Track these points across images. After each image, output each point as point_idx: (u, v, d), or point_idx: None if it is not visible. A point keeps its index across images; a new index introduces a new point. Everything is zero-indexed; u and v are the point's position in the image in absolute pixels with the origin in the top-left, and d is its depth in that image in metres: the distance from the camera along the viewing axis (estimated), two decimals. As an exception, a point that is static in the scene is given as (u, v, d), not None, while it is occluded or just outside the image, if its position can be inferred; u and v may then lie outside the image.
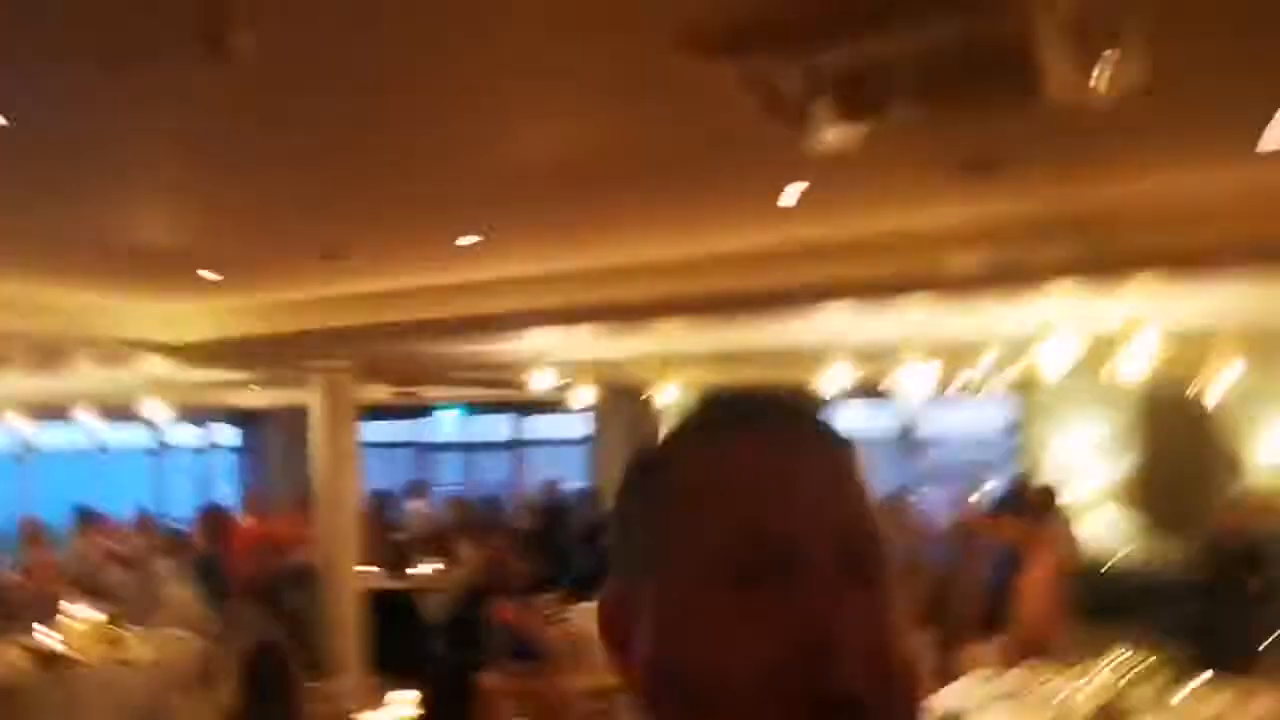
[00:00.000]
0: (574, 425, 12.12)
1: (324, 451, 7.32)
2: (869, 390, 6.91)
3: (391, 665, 6.55)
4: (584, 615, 6.68)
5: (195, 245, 4.70)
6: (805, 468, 0.64)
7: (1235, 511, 6.69)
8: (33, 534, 7.94)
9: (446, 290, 5.72)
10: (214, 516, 8.82)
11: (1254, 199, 3.72)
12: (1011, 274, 4.34)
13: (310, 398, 7.50)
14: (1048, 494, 6.91)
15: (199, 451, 13.29)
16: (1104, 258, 4.09)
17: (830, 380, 6.79)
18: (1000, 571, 5.72)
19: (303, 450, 7.61)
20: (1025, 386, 8.87)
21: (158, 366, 6.56)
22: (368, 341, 6.63)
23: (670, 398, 8.30)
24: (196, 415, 11.81)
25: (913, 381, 6.54)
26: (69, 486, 12.01)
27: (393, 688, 5.19)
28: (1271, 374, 7.32)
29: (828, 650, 0.57)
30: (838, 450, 0.66)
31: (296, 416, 8.45)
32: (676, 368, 8.55)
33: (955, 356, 6.48)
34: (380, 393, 9.39)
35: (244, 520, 9.07)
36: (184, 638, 5.99)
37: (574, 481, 11.77)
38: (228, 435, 13.30)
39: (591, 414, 11.23)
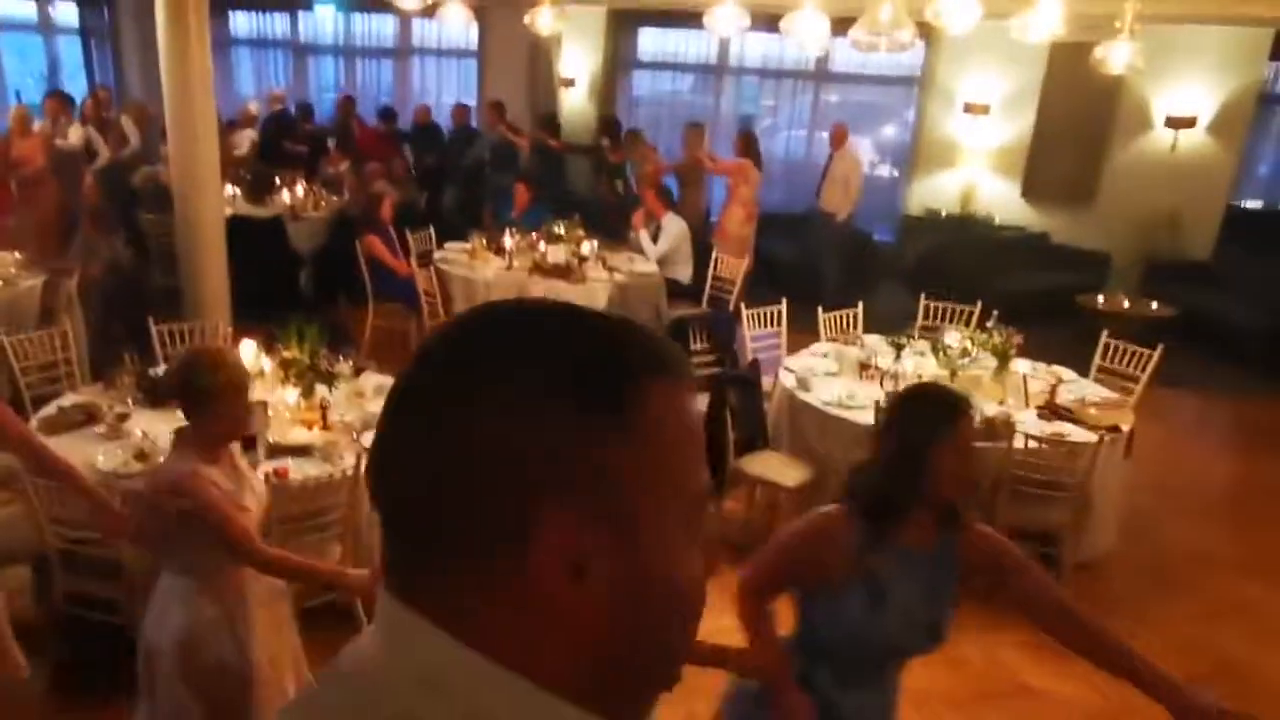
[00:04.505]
0: (463, 35, 11.29)
1: (171, 44, 6.03)
2: (766, 22, 6.26)
3: (254, 299, 6.29)
4: (454, 258, 6.54)
5: None
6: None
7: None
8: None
9: None
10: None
11: None
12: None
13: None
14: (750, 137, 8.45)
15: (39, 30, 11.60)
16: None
17: (722, 15, 6.15)
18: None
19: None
20: (932, 35, 8.45)
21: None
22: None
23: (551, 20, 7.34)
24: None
25: (810, 21, 5.93)
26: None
27: (253, 326, 4.97)
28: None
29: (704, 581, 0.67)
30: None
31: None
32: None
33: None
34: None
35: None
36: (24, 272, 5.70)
37: (463, 99, 11.09)
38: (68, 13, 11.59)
39: (478, 25, 10.36)
